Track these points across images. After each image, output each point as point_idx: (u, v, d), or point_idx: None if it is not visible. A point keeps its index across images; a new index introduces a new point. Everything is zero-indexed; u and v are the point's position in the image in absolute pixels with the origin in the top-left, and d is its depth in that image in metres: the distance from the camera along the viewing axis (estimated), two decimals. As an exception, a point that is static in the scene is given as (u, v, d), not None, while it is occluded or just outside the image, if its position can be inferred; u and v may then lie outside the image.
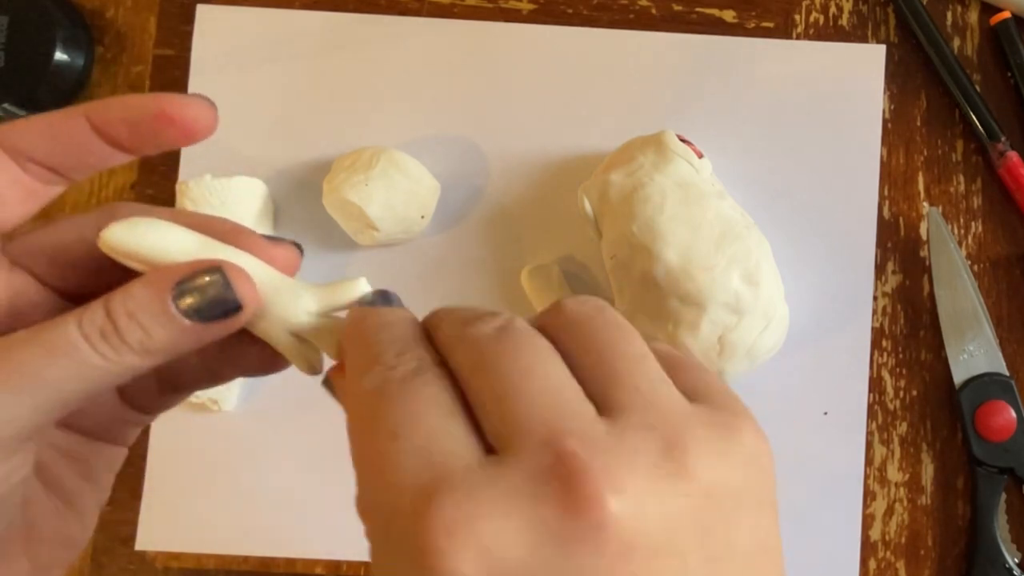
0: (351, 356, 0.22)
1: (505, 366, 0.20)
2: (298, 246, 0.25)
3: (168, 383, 0.27)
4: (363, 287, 0.24)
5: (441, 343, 0.21)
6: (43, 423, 0.23)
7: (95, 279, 0.25)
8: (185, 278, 0.22)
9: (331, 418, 0.54)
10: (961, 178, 0.51)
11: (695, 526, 0.18)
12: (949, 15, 0.52)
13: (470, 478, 0.18)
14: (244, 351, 0.26)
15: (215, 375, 0.27)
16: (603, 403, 0.19)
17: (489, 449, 0.19)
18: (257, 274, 0.24)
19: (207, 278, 0.22)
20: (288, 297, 0.24)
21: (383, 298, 0.24)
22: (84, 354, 0.22)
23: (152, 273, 0.23)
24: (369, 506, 0.19)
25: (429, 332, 0.22)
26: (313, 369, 0.25)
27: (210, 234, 0.24)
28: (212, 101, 0.24)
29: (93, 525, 0.27)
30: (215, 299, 0.22)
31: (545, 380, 0.19)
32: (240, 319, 0.23)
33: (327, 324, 0.24)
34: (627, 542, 0.17)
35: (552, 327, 0.21)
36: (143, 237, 0.23)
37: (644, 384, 0.20)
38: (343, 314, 0.24)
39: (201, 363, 0.27)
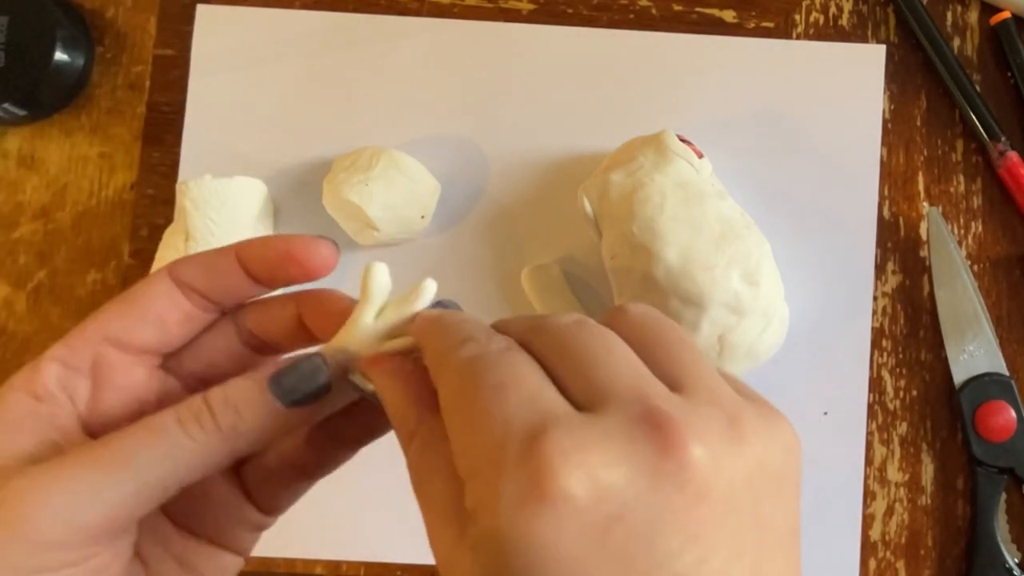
0: (438, 339, 0.24)
1: (588, 345, 0.22)
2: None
3: (294, 471, 0.29)
4: (430, 290, 0.26)
5: (518, 334, 0.24)
6: (131, 512, 0.23)
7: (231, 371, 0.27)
8: (282, 367, 0.25)
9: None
10: (961, 178, 0.51)
11: (750, 492, 0.21)
12: (949, 15, 0.52)
13: (575, 419, 0.20)
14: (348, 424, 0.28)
15: (332, 457, 0.29)
16: (673, 384, 0.22)
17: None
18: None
19: (301, 363, 0.25)
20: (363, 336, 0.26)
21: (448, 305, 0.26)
22: (175, 436, 0.23)
23: (253, 369, 0.25)
24: (474, 450, 0.21)
25: (500, 330, 0.24)
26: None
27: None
28: (335, 243, 0.27)
29: None
30: (307, 380, 0.25)
31: (625, 357, 0.22)
32: (327, 403, 0.25)
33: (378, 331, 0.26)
34: (703, 487, 0.20)
35: (619, 326, 0.23)
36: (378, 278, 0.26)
37: (706, 374, 0.22)
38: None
39: (315, 451, 0.28)
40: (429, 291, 0.26)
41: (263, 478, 0.28)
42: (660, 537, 0.19)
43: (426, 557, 0.49)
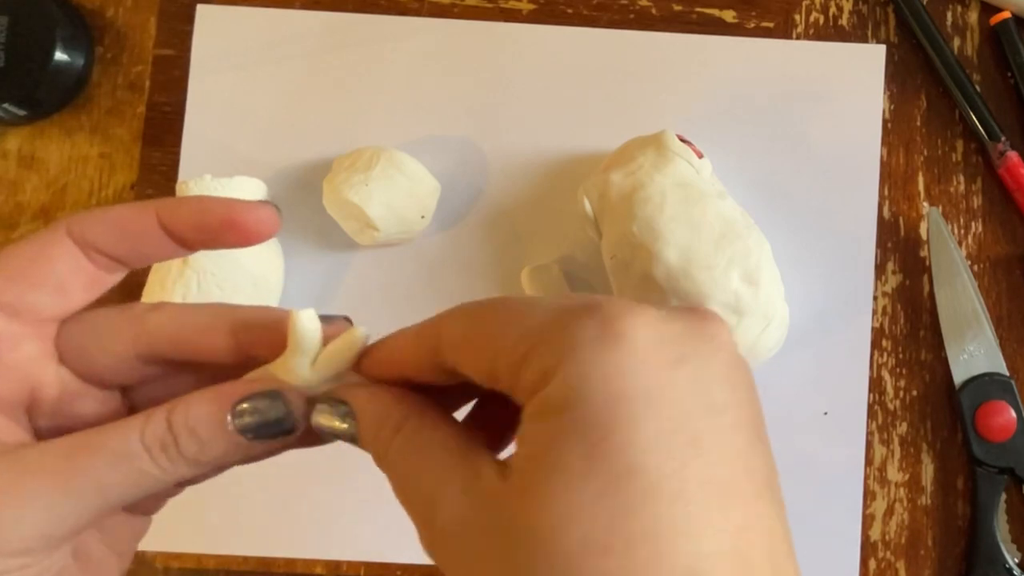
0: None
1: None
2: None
3: None
4: (360, 338, 0.25)
5: None
6: (91, 523, 0.24)
7: (129, 376, 0.26)
8: (245, 398, 0.24)
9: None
10: (961, 178, 0.51)
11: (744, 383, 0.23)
12: (949, 15, 0.52)
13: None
14: None
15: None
16: None
17: None
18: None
19: (266, 401, 0.24)
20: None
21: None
22: (144, 464, 0.23)
23: (213, 389, 0.24)
24: (531, 323, 0.21)
25: None
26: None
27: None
28: (277, 207, 0.25)
29: None
30: (271, 421, 0.24)
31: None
32: (291, 440, 0.24)
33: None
34: (731, 356, 0.22)
35: None
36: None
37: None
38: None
39: None
40: (360, 340, 0.25)
41: None
42: (714, 385, 0.21)
43: (426, 556, 0.49)
